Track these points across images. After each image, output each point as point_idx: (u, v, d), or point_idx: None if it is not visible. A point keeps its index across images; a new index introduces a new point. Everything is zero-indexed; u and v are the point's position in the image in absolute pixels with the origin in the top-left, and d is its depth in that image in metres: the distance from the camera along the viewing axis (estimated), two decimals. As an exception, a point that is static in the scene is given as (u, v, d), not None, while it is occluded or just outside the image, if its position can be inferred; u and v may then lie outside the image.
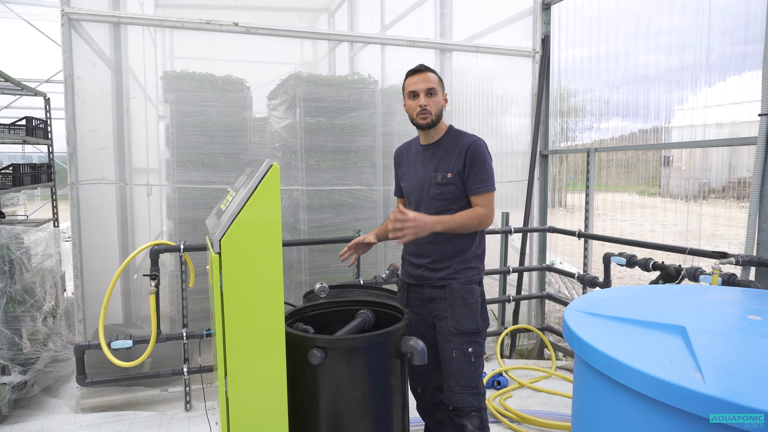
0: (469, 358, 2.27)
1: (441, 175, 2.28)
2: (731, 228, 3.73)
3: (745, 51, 3.07)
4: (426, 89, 2.27)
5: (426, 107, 2.26)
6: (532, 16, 4.44)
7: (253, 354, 1.85)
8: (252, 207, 1.80)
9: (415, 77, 2.30)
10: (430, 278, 2.34)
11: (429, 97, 2.27)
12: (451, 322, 2.28)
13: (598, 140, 4.19)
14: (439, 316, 2.34)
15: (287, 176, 3.83)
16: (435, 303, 2.35)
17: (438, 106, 2.29)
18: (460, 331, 2.27)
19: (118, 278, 2.77)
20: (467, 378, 2.27)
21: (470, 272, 2.33)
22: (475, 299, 2.30)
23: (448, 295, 2.30)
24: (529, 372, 3.88)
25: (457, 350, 2.27)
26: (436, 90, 2.28)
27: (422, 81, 2.27)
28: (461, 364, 2.27)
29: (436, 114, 2.29)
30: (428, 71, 2.30)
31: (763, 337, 1.31)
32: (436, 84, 2.29)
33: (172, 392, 3.50)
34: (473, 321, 2.28)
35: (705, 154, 3.59)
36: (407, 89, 2.31)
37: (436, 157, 2.33)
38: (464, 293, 2.29)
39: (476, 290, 2.33)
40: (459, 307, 2.28)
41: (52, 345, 3.67)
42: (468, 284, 2.31)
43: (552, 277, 4.60)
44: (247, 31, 3.55)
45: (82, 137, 3.30)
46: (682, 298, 1.70)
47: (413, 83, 2.29)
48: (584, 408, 1.46)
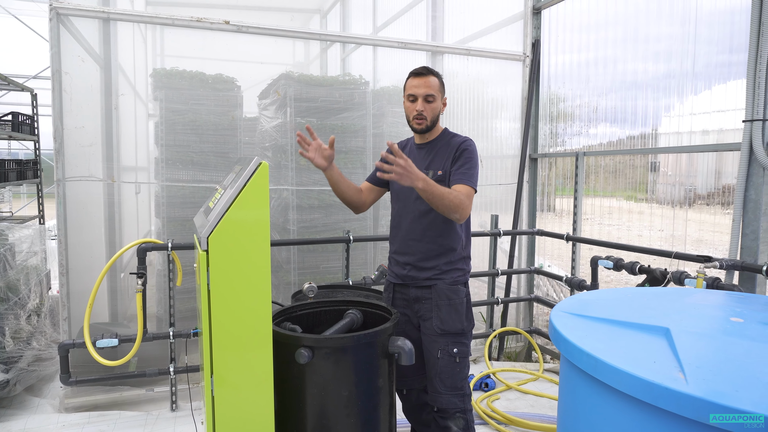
0: (454, 358, 2.27)
1: (432, 173, 2.29)
2: (716, 234, 3.78)
3: (730, 60, 3.11)
4: (425, 95, 2.26)
5: (422, 113, 2.27)
6: (522, 20, 4.48)
7: (240, 353, 1.84)
8: (240, 205, 1.79)
9: (416, 80, 2.28)
10: (416, 278, 2.35)
11: (427, 103, 2.28)
12: (436, 322, 2.29)
13: (587, 145, 4.23)
14: (424, 316, 2.34)
15: (277, 176, 3.82)
16: (420, 303, 2.36)
17: (434, 112, 2.30)
18: (446, 332, 2.27)
19: (104, 276, 2.75)
20: (452, 379, 2.27)
21: (456, 273, 2.34)
22: (460, 300, 2.31)
23: (434, 296, 2.31)
24: (517, 374, 3.90)
25: (442, 351, 2.27)
26: (435, 96, 2.28)
27: (423, 86, 2.27)
28: (446, 365, 2.27)
29: (431, 120, 2.31)
30: (430, 75, 2.29)
31: (745, 339, 1.33)
32: (436, 90, 2.29)
33: (158, 392, 3.47)
34: (458, 321, 2.29)
35: (691, 161, 3.64)
36: (407, 91, 2.31)
37: (429, 156, 2.35)
38: (450, 293, 2.30)
39: (462, 291, 2.33)
40: (444, 307, 2.29)
41: (36, 343, 3.62)
42: (454, 285, 2.32)
43: (540, 280, 4.63)
44: (238, 30, 3.54)
45: (69, 133, 3.27)
46: (667, 300, 1.72)
47: (414, 86, 2.28)
48: (569, 408, 1.47)
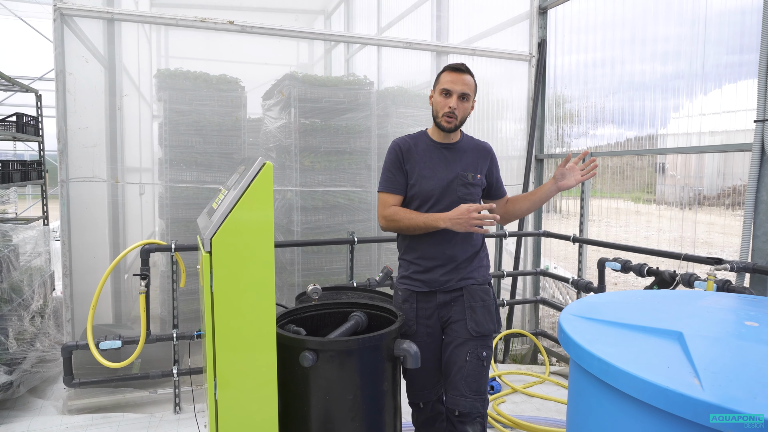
0: (482, 362, 2.19)
1: (471, 176, 2.23)
2: (725, 236, 3.74)
3: (740, 60, 3.07)
4: (461, 93, 2.16)
5: (454, 111, 2.17)
6: (528, 20, 4.44)
7: (243, 355, 1.81)
8: (244, 205, 1.77)
9: (453, 75, 2.17)
10: (447, 281, 2.22)
11: (461, 101, 2.18)
12: (471, 324, 2.19)
13: (593, 146, 4.19)
14: (453, 318, 2.23)
15: (281, 177, 3.80)
16: (449, 307, 2.24)
17: (465, 112, 2.22)
18: (480, 334, 2.19)
19: (107, 277, 2.73)
20: (478, 383, 2.18)
21: (483, 271, 2.28)
22: (492, 300, 2.26)
23: (467, 296, 2.22)
24: (523, 377, 3.86)
25: (471, 354, 2.18)
26: (470, 96, 2.20)
27: (459, 82, 2.16)
28: (474, 368, 2.17)
29: (461, 120, 2.21)
30: (468, 73, 2.20)
31: (761, 344, 1.30)
32: (471, 90, 2.20)
33: (161, 394, 3.45)
34: (491, 322, 2.22)
35: (699, 162, 3.60)
36: (441, 84, 2.18)
37: (461, 158, 2.26)
38: (483, 294, 2.23)
39: (491, 291, 2.28)
40: (479, 308, 2.21)
41: (40, 345, 3.61)
42: (484, 284, 2.26)
43: (546, 281, 4.59)
44: (242, 30, 3.53)
45: (73, 134, 3.26)
46: (679, 303, 1.69)
47: (449, 81, 2.17)
48: (579, 413, 1.44)
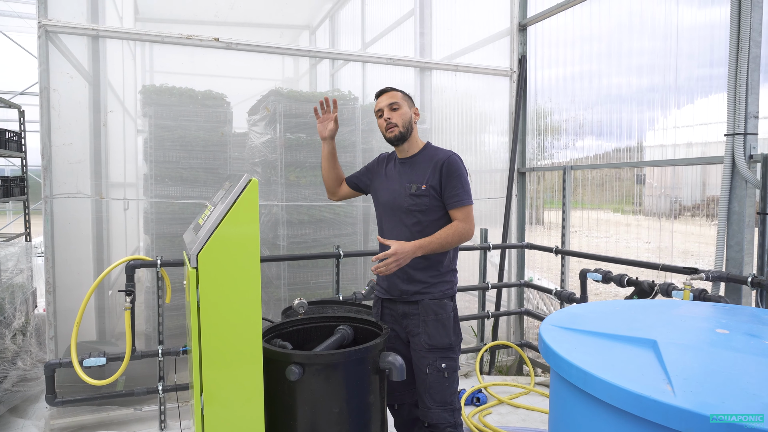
0: (442, 373, 2.27)
1: (415, 186, 2.31)
2: (702, 245, 3.83)
3: (711, 73, 3.18)
4: (389, 104, 2.36)
5: (390, 120, 2.34)
6: (509, 36, 4.55)
7: (230, 370, 1.82)
8: (230, 222, 1.79)
9: (380, 98, 2.44)
10: (405, 291, 2.34)
11: (393, 111, 2.35)
12: (424, 337, 2.29)
13: (574, 158, 4.28)
14: (412, 332, 2.34)
15: (267, 192, 3.82)
16: (408, 319, 2.36)
17: (404, 118, 2.35)
18: (433, 347, 2.27)
19: (92, 294, 2.72)
20: (442, 394, 2.27)
21: (444, 286, 2.34)
22: (447, 315, 2.31)
23: (421, 311, 2.31)
24: (509, 388, 3.89)
25: (431, 366, 2.27)
26: (399, 104, 2.37)
27: (385, 99, 2.40)
28: (435, 380, 2.27)
29: (402, 125, 2.34)
30: (391, 90, 2.42)
31: (731, 350, 1.35)
32: (399, 99, 2.38)
33: (147, 411, 3.41)
34: (446, 336, 2.29)
35: (676, 173, 3.69)
36: (376, 111, 2.43)
37: (412, 170, 2.37)
38: (437, 309, 2.30)
39: (449, 305, 2.34)
40: (432, 322, 2.29)
41: (21, 363, 3.56)
42: (441, 299, 2.32)
43: (530, 293, 4.65)
44: (227, 47, 3.57)
45: (57, 150, 3.25)
46: (655, 312, 1.74)
47: (378, 103, 2.43)
48: (560, 422, 1.47)
